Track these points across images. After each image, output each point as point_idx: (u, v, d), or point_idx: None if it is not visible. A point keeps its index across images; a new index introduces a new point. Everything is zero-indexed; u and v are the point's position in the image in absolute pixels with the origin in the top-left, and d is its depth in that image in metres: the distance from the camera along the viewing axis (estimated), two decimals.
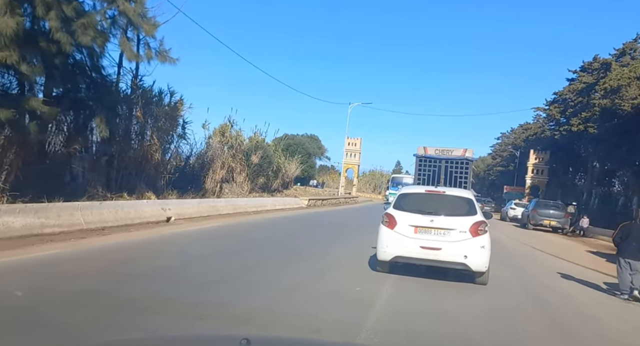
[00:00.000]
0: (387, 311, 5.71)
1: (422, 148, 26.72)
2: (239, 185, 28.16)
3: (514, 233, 21.30)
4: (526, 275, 9.57)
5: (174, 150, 21.71)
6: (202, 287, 5.77)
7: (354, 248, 10.55)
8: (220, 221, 13.24)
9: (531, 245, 15.51)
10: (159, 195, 17.03)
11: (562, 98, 45.90)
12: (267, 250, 9.23)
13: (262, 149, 29.21)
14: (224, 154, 26.92)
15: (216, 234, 10.91)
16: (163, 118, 17.48)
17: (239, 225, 12.81)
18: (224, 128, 26.25)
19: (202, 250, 8.74)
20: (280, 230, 12.65)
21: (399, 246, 7.59)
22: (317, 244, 10.61)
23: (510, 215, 31.37)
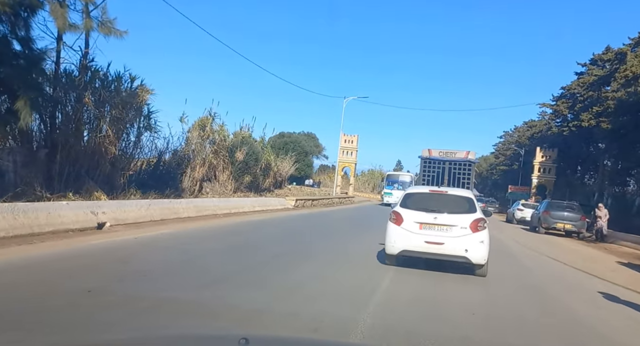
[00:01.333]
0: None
1: (426, 150, 28.35)
2: (222, 184, 25.80)
3: (526, 239, 18.86)
4: (558, 305, 7.09)
5: (142, 145, 19.37)
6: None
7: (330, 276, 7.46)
8: (172, 227, 10.81)
9: (550, 256, 13.05)
10: (115, 194, 14.66)
11: (571, 93, 43.48)
12: (177, 282, 5.97)
13: (247, 145, 26.77)
14: (204, 150, 24.56)
15: (134, 250, 7.79)
16: (120, 106, 15.05)
17: (190, 233, 10.37)
18: (204, 121, 23.85)
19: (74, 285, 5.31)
20: (239, 240, 10.16)
21: (406, 241, 8.21)
22: (276, 269, 7.49)
23: (517, 217, 28.91)
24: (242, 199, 18.53)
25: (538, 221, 21.86)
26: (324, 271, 7.70)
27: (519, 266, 10.45)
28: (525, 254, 13.31)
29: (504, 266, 10.21)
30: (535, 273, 9.95)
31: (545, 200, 22.92)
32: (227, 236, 10.63)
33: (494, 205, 49.58)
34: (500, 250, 13.93)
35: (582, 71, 42.13)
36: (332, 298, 5.90)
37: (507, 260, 11.45)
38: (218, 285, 5.89)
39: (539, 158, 45.83)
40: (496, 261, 10.80)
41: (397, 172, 40.51)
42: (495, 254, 12.77)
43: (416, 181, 36.89)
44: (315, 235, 12.32)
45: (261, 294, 5.59)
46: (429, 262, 8.42)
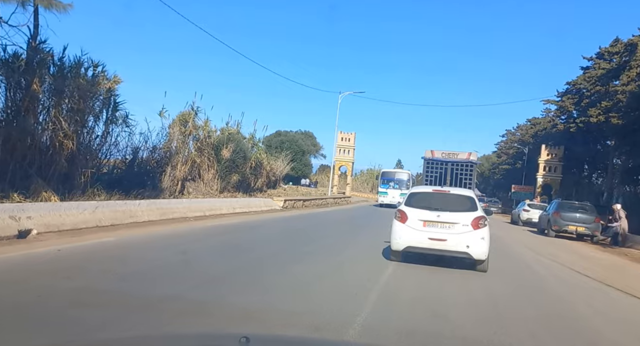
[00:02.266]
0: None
1: (429, 151, 28.95)
2: (207, 183, 24.05)
3: (536, 244, 17.08)
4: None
5: (115, 141, 17.65)
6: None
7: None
8: (121, 234, 9.04)
9: (572, 267, 11.22)
10: (73, 195, 12.91)
11: (576, 88, 41.65)
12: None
13: (234, 142, 24.99)
14: (187, 147, 22.82)
15: (37, 271, 5.79)
16: (78, 95, 13.28)
17: (137, 241, 8.58)
18: (185, 116, 22.06)
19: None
20: (199, 251, 8.39)
21: (410, 237, 8.55)
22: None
23: (523, 218, 27.11)
24: (221, 200, 16.75)
25: (547, 223, 20.06)
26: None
27: (553, 296, 8.49)
28: (546, 267, 11.48)
29: (521, 281, 8.48)
30: (558, 293, 8.13)
31: (555, 200, 21.12)
32: (179, 245, 8.78)
33: (496, 205, 47.82)
34: (511, 256, 12.18)
35: (588, 65, 40.32)
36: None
37: (528, 276, 9.67)
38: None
39: (544, 156, 43.97)
40: (510, 272, 8.99)
41: (393, 169, 36.64)
42: (506, 261, 11.11)
43: (419, 181, 35.57)
44: (289, 244, 10.24)
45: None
46: (431, 260, 8.60)
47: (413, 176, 35.76)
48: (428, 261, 8.68)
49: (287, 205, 21.49)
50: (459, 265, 8.73)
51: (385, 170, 36.55)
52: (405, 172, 34.77)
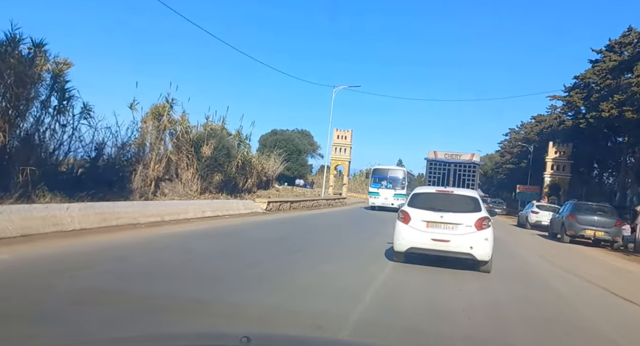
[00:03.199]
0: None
1: (432, 152, 29.28)
2: (186, 184, 21.97)
3: (550, 251, 14.98)
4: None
5: (75, 135, 15.63)
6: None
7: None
8: (32, 248, 6.97)
9: (598, 283, 9.06)
10: (8, 197, 10.83)
11: (585, 82, 39.53)
12: None
13: (216, 138, 22.90)
14: (162, 144, 20.73)
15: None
16: (10, 78, 11.20)
17: (33, 262, 6.40)
18: (159, 109, 19.95)
19: None
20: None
21: (413, 238, 8.52)
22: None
23: (531, 221, 24.94)
24: (187, 202, 14.62)
25: (561, 227, 17.89)
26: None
27: (568, 317, 6.44)
28: (565, 281, 9.37)
29: (542, 309, 6.38)
30: (601, 331, 5.98)
31: (569, 202, 18.96)
32: (83, 268, 6.54)
33: (501, 206, 45.63)
34: (523, 269, 10.06)
35: (597, 58, 38.20)
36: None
37: (545, 293, 7.58)
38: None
39: (552, 154, 41.70)
40: (525, 296, 6.90)
41: (386, 166, 30.29)
42: (518, 277, 9.05)
43: (422, 181, 33.72)
44: (233, 264, 7.75)
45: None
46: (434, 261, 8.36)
47: (410, 173, 32.13)
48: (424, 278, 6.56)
49: (271, 208, 19.39)
50: (462, 278, 7.67)
51: (377, 167, 31.10)
52: (400, 169, 29.98)
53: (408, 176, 29.92)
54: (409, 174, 31.75)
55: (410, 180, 30.47)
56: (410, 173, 33.25)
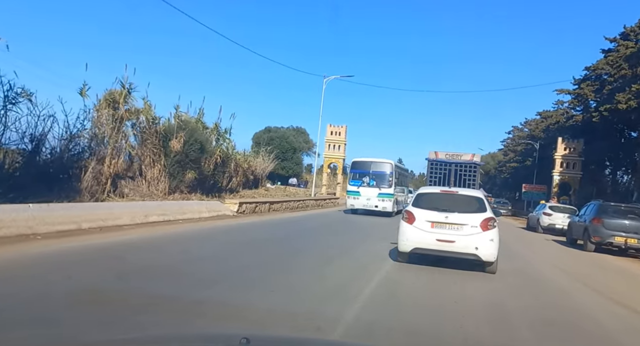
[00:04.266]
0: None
1: (433, 152, 29.12)
2: (151, 182, 19.29)
3: (575, 265, 12.32)
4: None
5: None
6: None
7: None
8: None
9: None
10: None
11: (596, 73, 36.76)
12: None
13: (186, 130, 20.21)
14: (120, 136, 18.02)
15: None
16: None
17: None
18: (114, 95, 17.24)
19: None
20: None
21: (418, 239, 8.45)
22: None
23: (543, 224, 22.19)
24: (123, 204, 11.80)
25: (584, 232, 15.13)
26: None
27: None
28: (616, 316, 6.66)
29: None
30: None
31: (593, 202, 16.20)
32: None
33: (505, 206, 42.90)
34: (551, 298, 7.36)
35: (611, 48, 35.45)
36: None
37: None
38: None
39: (561, 151, 38.90)
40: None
41: (369, 158, 24.28)
42: (545, 308, 6.38)
43: (423, 181, 31.59)
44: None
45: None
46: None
47: (400, 167, 26.27)
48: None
49: (244, 210, 16.68)
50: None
51: (358, 159, 25.03)
52: (387, 162, 23.32)
53: (397, 171, 24.26)
54: (399, 168, 25.91)
55: (400, 176, 25.51)
56: (401, 168, 27.34)
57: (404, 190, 27.35)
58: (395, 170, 23.31)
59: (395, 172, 23.14)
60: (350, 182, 23.38)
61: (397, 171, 23.66)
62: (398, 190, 24.14)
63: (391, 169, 22.77)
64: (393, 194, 22.58)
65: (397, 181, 23.71)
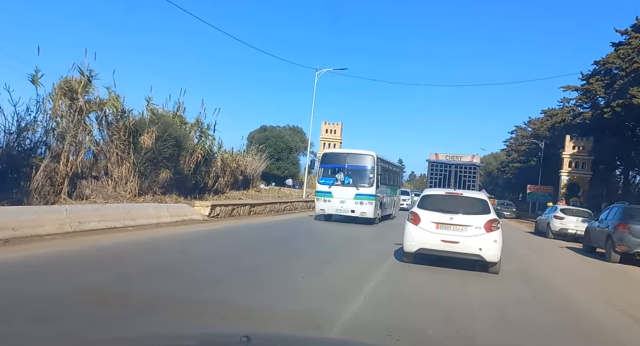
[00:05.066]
0: None
1: (433, 154, 28.71)
2: (119, 182, 17.33)
3: (603, 281, 10.30)
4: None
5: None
6: None
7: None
8: None
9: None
10: None
11: (606, 68, 34.75)
12: None
13: (159, 124, 18.27)
14: (81, 129, 16.02)
15: None
16: None
17: None
18: (71, 83, 15.22)
19: None
20: None
21: (423, 239, 8.66)
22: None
23: (554, 229, 20.08)
24: (34, 208, 9.36)
25: (607, 240, 13.09)
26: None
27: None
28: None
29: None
30: None
31: (616, 205, 14.15)
32: None
33: (509, 208, 40.81)
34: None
35: (622, 41, 33.47)
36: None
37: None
38: None
39: (570, 149, 36.80)
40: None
41: (344, 150, 20.36)
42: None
43: (424, 183, 30.24)
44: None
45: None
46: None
47: (385, 162, 20.95)
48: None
49: (218, 213, 14.71)
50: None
51: (330, 151, 21.14)
52: (367, 154, 18.37)
53: (382, 166, 19.35)
54: (385, 163, 20.66)
55: (386, 173, 20.57)
56: (388, 162, 21.94)
57: (393, 190, 22.86)
58: (379, 164, 18.33)
59: (379, 167, 18.22)
60: (320, 180, 18.57)
61: (381, 166, 18.74)
62: (383, 190, 19.42)
63: (372, 163, 17.84)
64: (375, 195, 17.65)
65: (382, 178, 19.01)
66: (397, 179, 25.09)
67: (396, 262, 9.22)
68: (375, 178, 17.70)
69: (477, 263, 8.69)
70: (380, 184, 18.57)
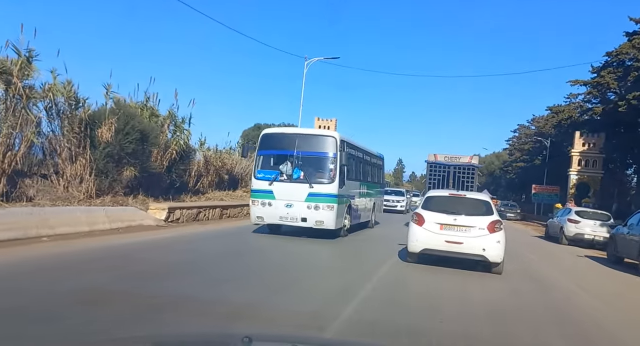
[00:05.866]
0: None
1: (432, 155, 28.78)
2: (71, 181, 15.13)
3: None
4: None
5: None
6: None
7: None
8: None
9: None
10: None
11: (619, 59, 32.50)
12: None
13: (119, 115, 16.10)
14: (21, 120, 13.79)
15: None
16: None
17: None
18: (4, 64, 12.98)
19: None
20: None
21: (428, 240, 8.85)
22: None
23: (569, 234, 17.79)
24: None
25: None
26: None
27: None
28: None
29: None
30: None
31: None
32: None
33: (514, 210, 38.60)
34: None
35: (636, 30, 31.23)
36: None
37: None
38: None
39: (579, 147, 34.45)
40: None
41: (291, 130, 16.54)
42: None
43: (423, 184, 28.75)
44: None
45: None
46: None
47: (356, 147, 15.26)
48: None
49: (179, 218, 12.52)
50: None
51: (271, 131, 14.98)
52: (327, 136, 13.32)
53: (351, 154, 13.86)
54: (355, 150, 14.98)
55: (356, 164, 14.94)
56: (360, 149, 15.85)
57: (371, 189, 17.12)
58: (345, 151, 12.90)
59: (344, 155, 12.72)
60: (258, 175, 12.87)
61: (348, 154, 13.26)
62: (352, 188, 14.19)
63: (335, 149, 12.42)
64: (337, 196, 12.31)
65: (351, 172, 13.88)
66: (378, 174, 18.89)
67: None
68: (338, 171, 12.33)
69: (480, 263, 8.86)
70: (348, 180, 13.28)
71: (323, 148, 12.70)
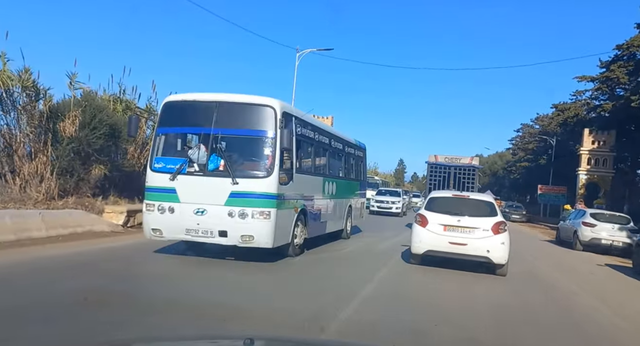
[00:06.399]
0: None
1: (433, 156, 28.69)
2: (30, 181, 13.63)
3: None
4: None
5: None
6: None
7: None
8: None
9: None
10: None
11: (630, 52, 30.87)
12: None
13: (85, 107, 14.59)
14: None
15: None
16: None
17: None
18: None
19: None
20: None
21: (431, 241, 8.79)
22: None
23: (584, 238, 16.11)
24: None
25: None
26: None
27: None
28: None
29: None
30: None
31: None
32: None
33: (519, 211, 36.98)
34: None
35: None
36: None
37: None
38: None
39: (588, 144, 32.71)
40: None
41: (207, 96, 8.46)
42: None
43: (424, 184, 29.41)
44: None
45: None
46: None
47: (310, 124, 10.13)
48: None
49: (141, 221, 10.81)
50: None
51: (175, 98, 8.87)
52: (262, 105, 8.26)
53: (303, 134, 9.56)
54: (311, 129, 10.17)
55: (315, 148, 10.49)
56: (318, 129, 10.84)
57: (344, 186, 12.85)
58: (292, 127, 8.78)
59: (290, 134, 8.53)
60: (155, 164, 8.43)
61: (299, 133, 9.25)
62: (310, 184, 10.05)
63: (274, 124, 8.09)
64: (276, 196, 8.07)
65: (304, 159, 10.16)
66: (355, 167, 14.67)
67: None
68: (277, 156, 8.03)
69: (483, 264, 8.83)
70: (302, 173, 9.47)
71: (255, 124, 8.25)
